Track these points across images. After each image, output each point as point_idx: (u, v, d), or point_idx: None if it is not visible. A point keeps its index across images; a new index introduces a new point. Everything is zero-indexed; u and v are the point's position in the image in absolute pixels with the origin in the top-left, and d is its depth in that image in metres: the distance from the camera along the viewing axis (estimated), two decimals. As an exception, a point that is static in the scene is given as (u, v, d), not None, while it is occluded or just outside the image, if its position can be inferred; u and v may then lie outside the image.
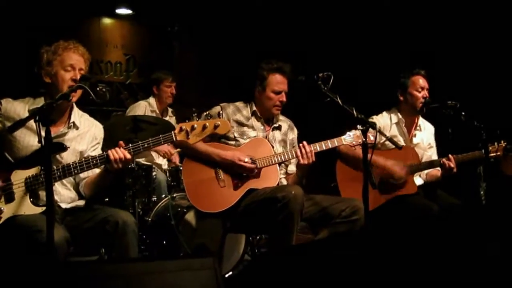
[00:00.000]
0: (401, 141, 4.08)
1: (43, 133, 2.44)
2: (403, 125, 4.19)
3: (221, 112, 3.58)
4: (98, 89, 2.77)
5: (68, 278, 1.52)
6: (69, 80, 2.81)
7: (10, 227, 2.64)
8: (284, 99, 3.59)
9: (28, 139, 2.80)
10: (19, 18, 5.54)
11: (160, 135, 2.80)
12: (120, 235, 2.71)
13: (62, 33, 3.19)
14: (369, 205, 3.65)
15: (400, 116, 4.20)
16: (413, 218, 3.81)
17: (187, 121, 2.89)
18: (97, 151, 3.01)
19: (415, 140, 4.22)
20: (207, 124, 2.84)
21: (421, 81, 4.13)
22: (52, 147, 2.70)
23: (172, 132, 2.81)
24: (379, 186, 3.91)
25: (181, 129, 2.80)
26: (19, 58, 5.14)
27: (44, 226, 2.34)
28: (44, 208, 2.71)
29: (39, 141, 2.29)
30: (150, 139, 2.79)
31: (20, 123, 2.45)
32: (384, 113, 4.25)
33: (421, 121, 4.29)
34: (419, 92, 4.10)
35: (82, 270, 1.57)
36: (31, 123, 2.59)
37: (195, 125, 2.81)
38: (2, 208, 2.68)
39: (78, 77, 2.80)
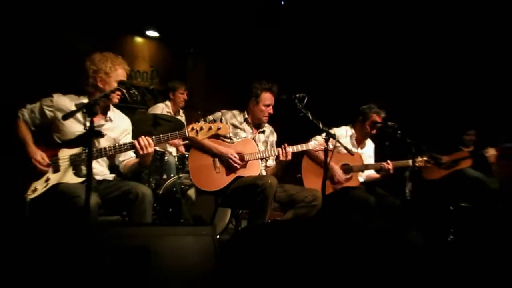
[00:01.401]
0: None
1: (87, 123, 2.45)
2: (354, 139, 4.22)
3: (221, 116, 3.59)
4: (131, 92, 2.76)
5: (99, 236, 1.51)
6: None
7: (55, 191, 2.62)
8: (272, 111, 3.60)
9: (74, 126, 2.76)
10: (71, 32, 5.48)
11: (177, 132, 2.82)
12: (139, 203, 2.70)
13: (104, 45, 3.15)
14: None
15: (353, 132, 4.22)
16: (354, 206, 3.85)
17: (197, 122, 2.88)
18: (128, 139, 2.99)
19: (360, 151, 4.25)
20: (212, 126, 2.85)
21: (378, 119, 4.15)
22: (93, 134, 2.72)
23: (186, 130, 2.82)
24: (330, 178, 3.95)
25: (192, 128, 2.81)
26: (67, 62, 5.07)
27: (82, 192, 2.35)
28: (82, 179, 2.71)
29: (85, 128, 2.28)
30: (169, 133, 2.79)
31: (72, 113, 2.42)
32: (343, 126, 4.27)
33: (367, 140, 4.34)
34: (375, 125, 4.12)
35: (111, 230, 1.55)
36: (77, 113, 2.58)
37: (203, 126, 2.83)
38: (49, 176, 2.67)
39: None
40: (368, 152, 4.33)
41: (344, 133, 4.22)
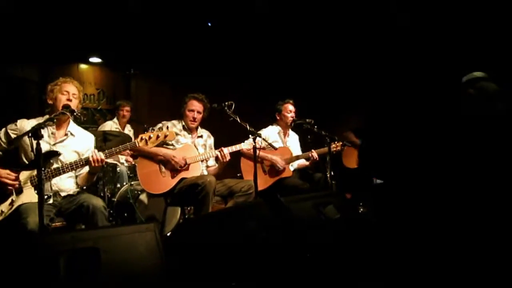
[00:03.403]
0: (280, 144, 4.25)
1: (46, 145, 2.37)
2: (281, 133, 4.35)
3: (163, 127, 3.56)
4: (75, 114, 2.69)
5: (52, 242, 1.47)
6: (65, 101, 2.70)
7: (17, 212, 2.45)
8: (196, 116, 3.60)
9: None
10: (18, 64, 5.22)
11: (128, 143, 2.76)
12: (91, 215, 2.55)
13: (50, 74, 3.05)
14: (262, 185, 3.78)
15: (280, 128, 4.35)
16: (290, 193, 3.95)
17: (145, 132, 2.85)
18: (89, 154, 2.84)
19: (287, 143, 4.39)
20: (160, 134, 2.83)
21: (290, 107, 4.31)
22: (50, 153, 2.63)
23: (135, 140, 2.77)
24: (269, 172, 4.05)
25: (141, 138, 2.77)
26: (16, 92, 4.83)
27: (30, 213, 2.29)
28: (45, 196, 2.53)
29: (32, 150, 2.15)
30: (120, 146, 2.72)
31: (18, 138, 2.32)
32: (270, 126, 4.39)
33: (290, 131, 4.47)
34: (289, 113, 4.28)
35: (63, 236, 1.51)
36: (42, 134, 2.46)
37: (151, 135, 2.80)
38: (13, 199, 2.51)
39: (71, 98, 2.73)
40: (294, 143, 4.47)
41: (273, 131, 4.34)
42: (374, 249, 2.39)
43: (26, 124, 2.67)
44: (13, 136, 2.65)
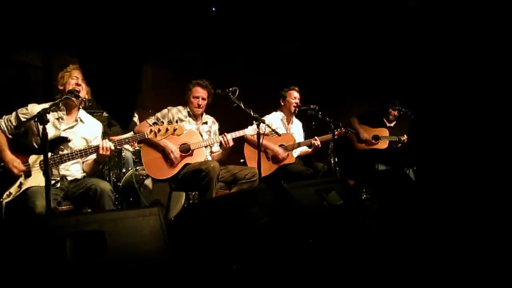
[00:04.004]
0: (283, 130, 4.26)
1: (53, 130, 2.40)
2: (284, 120, 4.35)
3: (168, 112, 3.59)
4: (80, 98, 2.71)
5: (59, 224, 1.50)
6: (73, 85, 2.76)
7: (24, 195, 2.51)
8: (200, 102, 3.61)
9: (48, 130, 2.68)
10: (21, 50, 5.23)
11: (137, 135, 2.84)
12: (98, 198, 2.62)
13: (58, 58, 3.04)
14: (265, 171, 3.80)
15: (283, 115, 4.35)
16: (293, 179, 3.97)
17: (155, 124, 2.89)
18: (97, 142, 2.91)
19: (291, 130, 4.40)
20: (169, 128, 2.86)
21: (295, 94, 4.30)
22: (59, 140, 2.70)
23: (145, 132, 2.83)
24: (272, 159, 4.07)
25: (151, 131, 2.80)
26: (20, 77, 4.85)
27: (38, 196, 2.35)
28: (53, 181, 2.65)
29: (37, 135, 2.19)
30: (130, 137, 2.79)
31: (24, 122, 2.35)
32: (274, 112, 4.39)
33: (294, 118, 4.47)
34: (293, 100, 4.27)
35: (69, 219, 1.54)
36: (50, 119, 2.47)
37: (161, 128, 2.83)
38: (22, 181, 2.58)
39: (80, 83, 2.78)
40: (297, 130, 4.48)
41: (276, 118, 4.34)
42: (377, 236, 2.42)
43: (37, 109, 2.69)
44: (23, 120, 2.68)
